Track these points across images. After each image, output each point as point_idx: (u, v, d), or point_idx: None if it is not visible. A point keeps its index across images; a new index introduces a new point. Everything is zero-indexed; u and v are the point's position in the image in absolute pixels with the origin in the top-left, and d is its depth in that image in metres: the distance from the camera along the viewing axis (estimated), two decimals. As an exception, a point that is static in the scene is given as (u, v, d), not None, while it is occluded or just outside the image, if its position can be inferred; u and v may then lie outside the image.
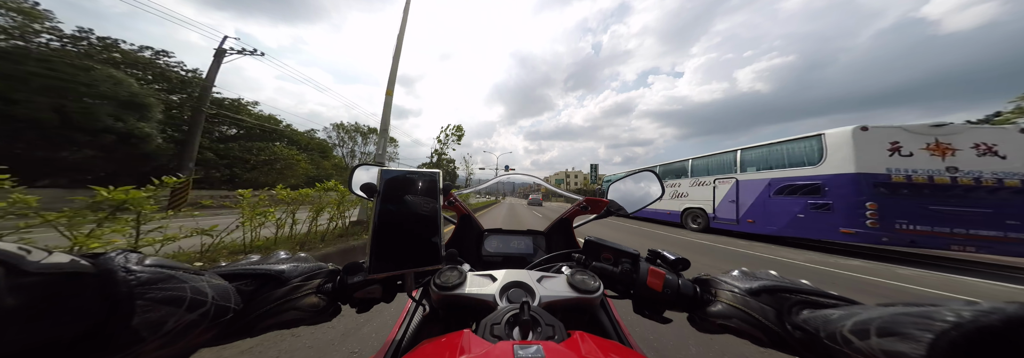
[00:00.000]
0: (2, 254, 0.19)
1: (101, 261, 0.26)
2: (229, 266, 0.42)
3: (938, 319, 0.24)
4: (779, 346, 0.39)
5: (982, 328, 0.22)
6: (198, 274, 0.33)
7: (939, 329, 0.24)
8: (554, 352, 0.32)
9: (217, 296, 0.32)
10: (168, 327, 0.27)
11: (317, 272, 0.45)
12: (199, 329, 0.30)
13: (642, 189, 0.93)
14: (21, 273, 0.20)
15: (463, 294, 0.50)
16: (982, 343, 0.22)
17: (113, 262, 0.27)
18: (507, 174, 1.33)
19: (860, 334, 0.28)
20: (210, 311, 0.31)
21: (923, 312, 0.26)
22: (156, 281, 0.28)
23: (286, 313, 0.40)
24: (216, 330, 0.32)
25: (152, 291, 0.27)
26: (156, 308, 0.26)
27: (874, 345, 0.27)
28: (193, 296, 0.30)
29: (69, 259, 0.23)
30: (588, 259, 0.62)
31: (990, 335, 0.21)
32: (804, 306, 0.38)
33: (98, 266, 0.25)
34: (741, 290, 0.43)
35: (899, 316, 0.27)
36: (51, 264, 0.21)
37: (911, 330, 0.25)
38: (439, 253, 0.47)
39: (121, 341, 0.24)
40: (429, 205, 0.48)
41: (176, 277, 0.30)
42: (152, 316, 0.26)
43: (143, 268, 0.28)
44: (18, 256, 0.20)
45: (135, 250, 0.31)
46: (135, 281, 0.26)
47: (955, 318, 0.24)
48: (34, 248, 0.22)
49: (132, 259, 0.29)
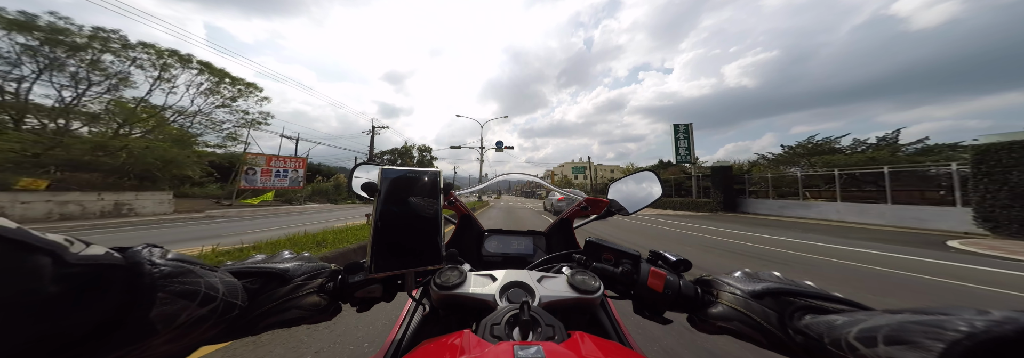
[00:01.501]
0: (51, 244, 0.20)
1: (130, 254, 0.27)
2: (236, 264, 0.42)
3: (950, 328, 0.24)
4: (780, 349, 0.38)
5: (995, 339, 0.21)
6: (213, 270, 0.34)
7: (951, 338, 0.23)
8: (554, 353, 0.31)
9: (227, 292, 0.33)
10: (180, 320, 0.27)
11: (319, 272, 0.46)
12: (206, 324, 0.30)
13: (643, 189, 0.93)
14: (64, 263, 0.21)
15: (463, 294, 0.50)
16: (995, 353, 0.21)
17: (140, 255, 0.28)
18: (505, 175, 1.28)
19: (866, 341, 0.28)
20: (219, 307, 0.31)
21: (933, 320, 0.25)
22: (177, 275, 0.29)
23: (288, 312, 0.41)
24: (222, 327, 0.33)
25: (172, 284, 0.28)
26: (173, 301, 0.27)
27: (881, 353, 0.26)
28: (206, 291, 0.30)
29: (104, 251, 0.24)
30: (589, 260, 0.62)
31: (1003, 346, 0.21)
32: (808, 310, 0.37)
33: (128, 259, 0.26)
34: (743, 292, 0.43)
35: (908, 324, 0.26)
36: (89, 255, 0.23)
37: (921, 339, 0.25)
38: (440, 253, 0.47)
39: (137, 332, 0.25)
40: (430, 205, 0.48)
41: (194, 272, 0.30)
42: (168, 309, 0.27)
43: (166, 262, 0.29)
44: (63, 247, 0.21)
45: (157, 245, 0.32)
46: (159, 273, 0.27)
47: (968, 328, 0.23)
48: (76, 240, 0.23)
49: (156, 253, 0.30)
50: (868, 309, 0.34)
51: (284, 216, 15.04)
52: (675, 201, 22.32)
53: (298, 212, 17.75)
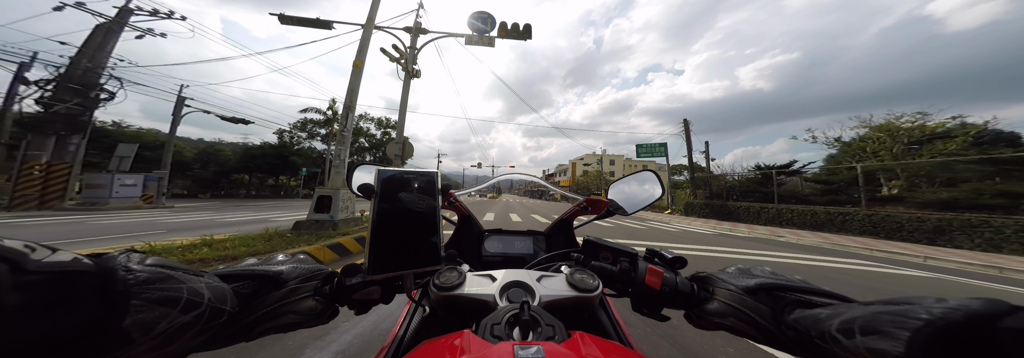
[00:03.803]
0: (7, 251, 0.19)
1: (103, 260, 0.26)
2: (227, 268, 0.41)
3: (913, 317, 0.26)
4: (774, 344, 0.39)
5: (950, 324, 0.24)
6: (198, 275, 0.32)
7: (914, 326, 0.25)
8: (554, 353, 0.32)
9: (213, 298, 0.31)
10: (160, 328, 0.26)
11: (315, 274, 0.45)
12: (192, 331, 0.29)
13: (643, 190, 0.94)
14: (23, 271, 0.20)
15: (463, 294, 0.50)
16: (953, 338, 0.23)
17: (115, 261, 0.27)
18: (505, 175, 1.32)
19: (846, 333, 0.29)
20: (205, 313, 0.30)
21: (899, 310, 0.27)
22: (154, 281, 0.27)
23: (284, 316, 0.40)
24: (211, 333, 0.32)
25: (149, 291, 0.26)
26: (150, 308, 0.26)
27: (859, 344, 0.28)
28: (189, 297, 0.29)
29: (71, 257, 0.23)
30: (587, 258, 0.62)
31: (958, 330, 0.23)
32: (797, 305, 0.39)
33: (99, 265, 0.25)
34: (738, 288, 0.43)
35: (879, 315, 0.28)
36: (53, 262, 0.21)
37: (890, 328, 0.27)
38: (438, 254, 0.47)
39: (113, 341, 0.24)
40: (428, 205, 0.48)
41: (175, 277, 0.29)
42: (145, 316, 0.25)
43: (143, 267, 0.28)
44: (21, 253, 0.20)
45: (138, 250, 0.31)
46: (133, 280, 0.26)
47: (927, 316, 0.25)
48: (39, 246, 0.22)
49: (135, 258, 0.29)
50: (851, 301, 0.35)
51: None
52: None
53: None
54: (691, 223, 13.43)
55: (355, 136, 39.97)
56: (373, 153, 41.09)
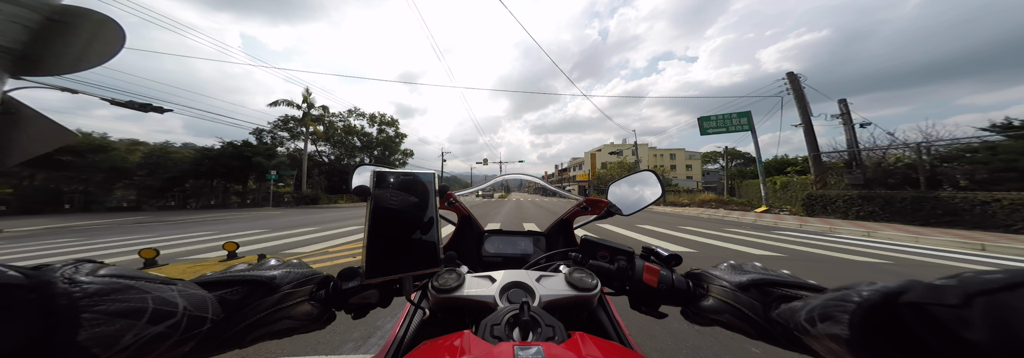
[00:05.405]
0: None
1: (40, 272, 0.24)
2: (213, 275, 0.40)
3: (849, 301, 0.28)
4: (766, 339, 0.40)
5: (873, 304, 0.26)
6: (168, 283, 0.31)
7: (850, 309, 0.27)
8: (554, 353, 0.32)
9: (190, 306, 0.30)
10: (126, 341, 0.25)
11: (310, 278, 0.44)
12: (169, 342, 0.28)
13: (643, 190, 0.94)
14: None
15: (462, 296, 0.50)
16: (877, 317, 0.25)
17: (53, 274, 0.25)
18: (505, 175, 1.34)
19: (811, 322, 0.31)
20: (181, 322, 0.29)
21: (842, 295, 0.29)
22: (109, 292, 0.26)
23: (278, 322, 0.39)
24: (194, 342, 0.31)
25: (102, 303, 0.25)
26: (109, 321, 0.24)
27: (821, 331, 0.30)
28: (157, 307, 0.28)
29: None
30: (585, 257, 0.62)
31: (879, 309, 0.25)
32: (783, 299, 0.40)
33: (32, 278, 0.23)
34: (731, 285, 0.44)
35: (829, 301, 0.30)
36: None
37: (836, 313, 0.28)
38: (437, 255, 0.47)
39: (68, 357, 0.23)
40: (425, 206, 0.48)
41: (135, 287, 0.28)
42: (104, 330, 0.24)
43: (93, 279, 0.26)
44: None
45: (90, 260, 0.29)
46: (79, 293, 0.24)
47: (858, 298, 0.27)
48: None
49: (83, 270, 0.27)
50: (823, 290, 0.37)
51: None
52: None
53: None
54: (833, 228, 8.29)
55: (347, 135, 38.52)
56: (368, 153, 39.26)
